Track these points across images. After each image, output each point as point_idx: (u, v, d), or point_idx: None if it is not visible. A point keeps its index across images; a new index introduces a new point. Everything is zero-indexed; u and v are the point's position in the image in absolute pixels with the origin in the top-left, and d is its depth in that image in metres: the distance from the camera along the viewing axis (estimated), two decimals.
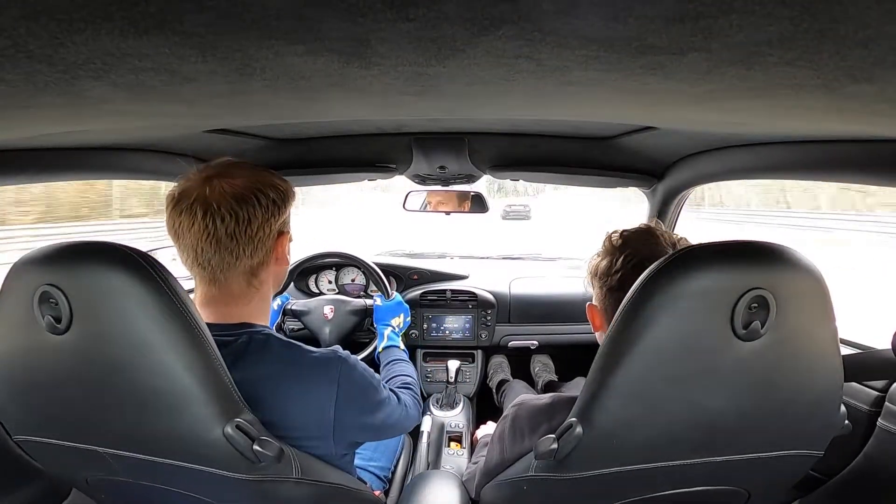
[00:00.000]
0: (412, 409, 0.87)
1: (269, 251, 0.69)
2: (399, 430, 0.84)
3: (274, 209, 0.67)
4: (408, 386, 0.93)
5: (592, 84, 0.41)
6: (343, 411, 0.66)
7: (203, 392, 0.50)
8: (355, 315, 1.34)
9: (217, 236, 0.63)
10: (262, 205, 0.66)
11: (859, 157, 0.70)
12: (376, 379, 0.76)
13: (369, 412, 0.72)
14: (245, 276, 0.68)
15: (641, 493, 0.59)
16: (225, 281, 0.67)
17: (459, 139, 1.08)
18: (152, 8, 0.25)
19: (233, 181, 0.65)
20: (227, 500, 0.60)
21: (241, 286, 0.68)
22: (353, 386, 0.68)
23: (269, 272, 0.71)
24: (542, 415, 0.67)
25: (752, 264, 0.46)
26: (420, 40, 0.31)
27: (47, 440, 0.57)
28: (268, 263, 0.70)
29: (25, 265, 0.50)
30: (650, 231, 0.67)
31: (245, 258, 0.66)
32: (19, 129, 0.60)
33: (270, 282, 0.73)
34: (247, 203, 0.64)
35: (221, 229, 0.63)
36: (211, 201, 0.63)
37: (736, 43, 0.29)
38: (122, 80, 0.38)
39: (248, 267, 0.67)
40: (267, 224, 0.67)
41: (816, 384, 0.51)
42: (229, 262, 0.65)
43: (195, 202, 0.63)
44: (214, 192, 0.63)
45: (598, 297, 0.70)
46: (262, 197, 0.66)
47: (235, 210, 0.63)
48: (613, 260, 0.66)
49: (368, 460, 1.10)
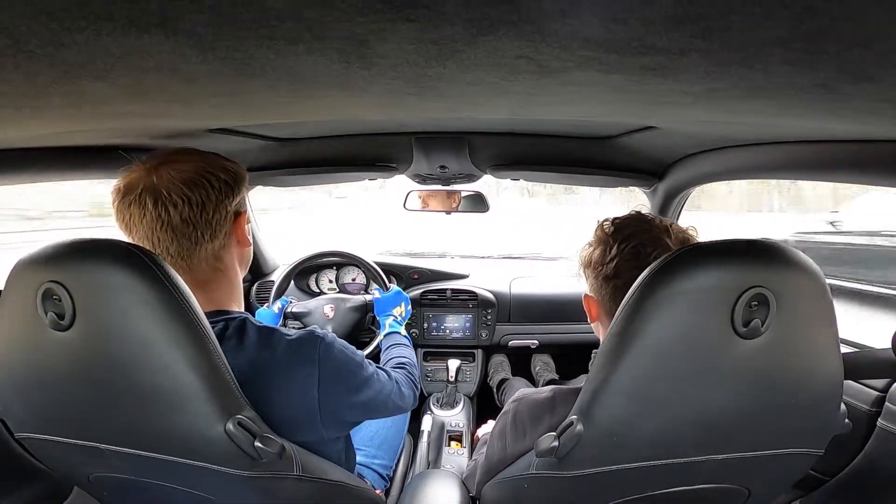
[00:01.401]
0: (405, 388, 0.85)
1: (228, 233, 0.68)
2: (392, 408, 0.81)
3: (227, 190, 0.66)
4: (402, 365, 0.92)
5: (593, 84, 0.41)
6: (327, 393, 0.65)
7: (205, 388, 0.50)
8: (356, 311, 1.33)
9: (172, 224, 0.62)
10: (215, 187, 0.64)
11: (859, 156, 0.70)
12: (359, 355, 0.74)
13: (354, 390, 0.71)
14: (208, 262, 0.67)
15: (642, 490, 0.59)
16: (189, 269, 0.65)
17: (460, 139, 1.08)
18: (153, 8, 0.25)
19: (180, 167, 0.63)
20: (229, 496, 0.60)
21: (207, 272, 0.67)
22: (334, 364, 0.67)
23: (232, 255, 0.70)
24: (543, 408, 0.67)
25: (752, 262, 0.46)
26: (420, 41, 0.31)
27: (49, 437, 0.57)
28: (229, 246, 0.69)
29: (29, 263, 0.50)
30: (641, 217, 0.67)
31: (205, 243, 0.65)
32: (19, 129, 0.61)
33: (236, 265, 0.72)
34: (198, 186, 0.63)
35: (175, 216, 0.61)
36: (160, 189, 0.61)
37: (736, 43, 0.29)
38: (123, 80, 0.38)
39: (209, 251, 0.66)
40: (222, 206, 0.65)
41: (816, 382, 0.51)
42: (189, 248, 0.64)
43: (143, 192, 0.61)
44: (163, 179, 0.62)
45: (593, 288, 0.69)
46: (213, 179, 0.64)
47: (187, 195, 0.62)
48: (607, 248, 0.65)
49: (372, 457, 1.09)
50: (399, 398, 0.82)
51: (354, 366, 0.72)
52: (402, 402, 0.83)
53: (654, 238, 0.63)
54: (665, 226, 0.65)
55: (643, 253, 0.62)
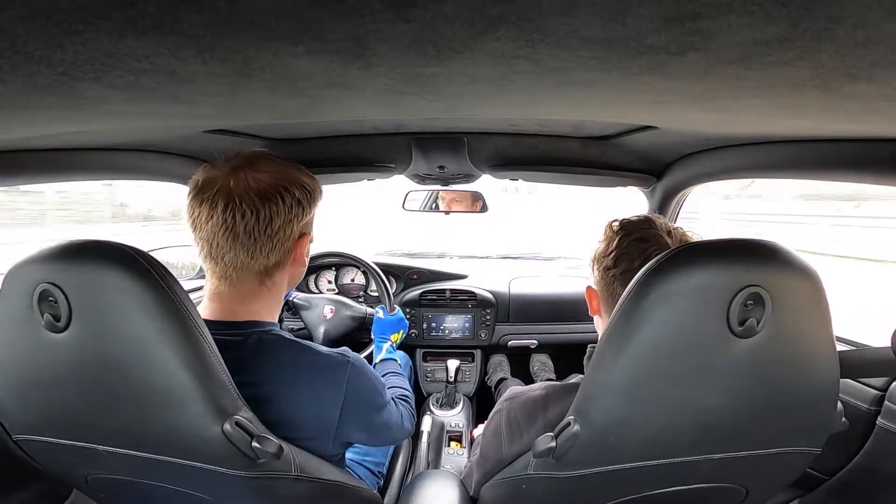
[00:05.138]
0: (406, 421, 0.86)
1: (287, 252, 0.67)
2: (391, 439, 0.82)
3: (298, 209, 0.65)
4: (405, 398, 0.93)
5: (591, 84, 0.41)
6: (346, 416, 0.65)
7: (201, 389, 0.50)
8: (353, 321, 1.34)
9: (235, 232, 0.61)
10: (287, 203, 0.63)
11: (858, 156, 0.70)
12: (382, 384, 0.75)
13: (370, 416, 0.72)
14: (258, 276, 0.66)
15: (640, 490, 0.59)
16: (237, 279, 0.64)
17: (458, 139, 1.08)
18: (151, 9, 0.25)
19: (258, 175, 0.62)
20: (226, 497, 0.60)
21: (253, 285, 0.66)
22: (359, 391, 0.67)
23: (284, 273, 0.69)
24: (536, 406, 0.67)
25: (747, 261, 0.47)
26: (419, 41, 0.31)
27: (47, 439, 0.57)
28: (284, 265, 0.68)
29: (25, 264, 0.50)
30: (648, 218, 0.70)
31: (261, 258, 0.64)
32: (19, 130, 0.60)
33: (285, 283, 0.70)
34: (270, 201, 0.62)
35: (241, 225, 0.61)
36: (234, 194, 0.60)
37: (734, 43, 0.29)
38: (121, 81, 0.38)
39: (262, 267, 0.65)
40: (289, 225, 0.64)
41: (813, 381, 0.51)
42: (244, 260, 0.63)
43: (217, 193, 0.61)
44: (239, 184, 0.61)
45: (595, 280, 0.73)
46: (286, 195, 0.63)
47: (258, 207, 0.61)
48: (610, 242, 0.69)
49: (364, 455, 1.09)
50: (399, 430, 0.82)
51: (377, 393, 0.72)
52: (400, 434, 0.84)
53: (653, 235, 0.66)
54: (668, 228, 0.68)
55: (640, 247, 0.65)
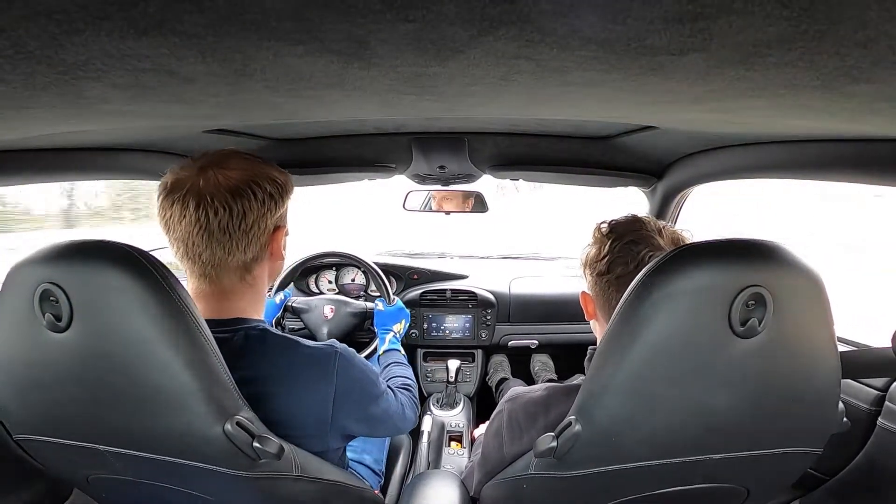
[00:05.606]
0: (409, 410, 0.86)
1: (263, 246, 0.67)
2: (393, 428, 0.82)
3: (270, 203, 0.65)
4: (407, 387, 0.93)
5: (592, 84, 0.41)
6: (340, 408, 0.65)
7: (203, 389, 0.50)
8: (355, 317, 1.34)
9: (209, 230, 0.61)
10: (258, 198, 0.64)
11: (859, 156, 0.70)
12: (374, 373, 0.74)
13: (365, 406, 0.72)
14: (238, 272, 0.66)
15: (641, 490, 0.59)
16: (216, 277, 0.65)
17: (459, 139, 1.08)
18: (151, 9, 0.25)
19: (228, 173, 0.63)
20: (227, 497, 0.60)
21: (234, 281, 0.66)
22: (350, 382, 0.67)
23: (263, 268, 0.69)
24: (537, 407, 0.67)
25: (749, 261, 0.46)
26: (419, 41, 0.31)
27: (48, 439, 0.57)
28: (262, 259, 0.68)
29: (26, 264, 0.50)
30: (636, 218, 0.70)
31: (238, 253, 0.64)
32: (19, 129, 0.60)
33: (265, 277, 0.71)
34: (242, 196, 0.62)
35: (214, 223, 0.61)
36: (204, 193, 0.61)
37: (735, 43, 0.29)
38: (122, 81, 0.38)
39: (241, 262, 0.65)
40: (262, 219, 0.65)
41: (814, 381, 0.51)
42: (221, 256, 0.63)
43: (188, 193, 0.61)
44: (209, 183, 0.61)
45: (589, 285, 0.72)
46: (258, 190, 0.63)
47: (230, 203, 0.61)
48: (602, 246, 0.68)
49: (361, 452, 1.09)
50: (401, 419, 0.82)
51: (369, 383, 0.72)
52: (403, 424, 0.84)
53: (644, 237, 0.65)
54: (658, 227, 0.67)
55: (633, 250, 0.64)
